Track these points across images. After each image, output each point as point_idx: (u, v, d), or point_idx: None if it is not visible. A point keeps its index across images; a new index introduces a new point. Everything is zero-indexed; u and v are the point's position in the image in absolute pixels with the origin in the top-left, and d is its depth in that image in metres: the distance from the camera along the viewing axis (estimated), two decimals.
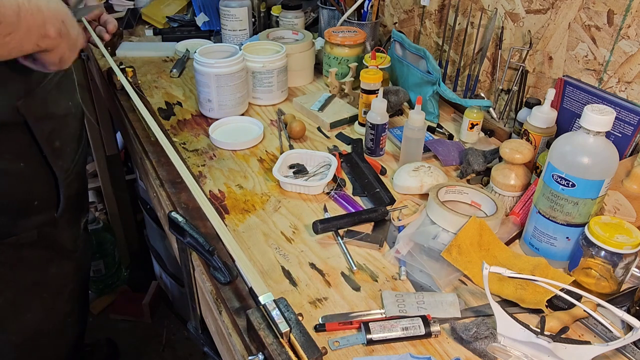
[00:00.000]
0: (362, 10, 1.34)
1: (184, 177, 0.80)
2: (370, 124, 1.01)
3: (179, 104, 1.22)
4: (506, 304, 0.71)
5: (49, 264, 1.02)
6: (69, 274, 1.09)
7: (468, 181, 0.97)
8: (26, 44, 0.70)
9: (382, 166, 1.01)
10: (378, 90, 1.03)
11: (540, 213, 0.76)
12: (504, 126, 1.10)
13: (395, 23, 1.44)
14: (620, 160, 0.76)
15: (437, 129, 1.13)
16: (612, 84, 0.91)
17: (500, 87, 1.14)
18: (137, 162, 1.16)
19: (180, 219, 0.75)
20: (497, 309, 0.63)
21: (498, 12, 1.10)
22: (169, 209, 0.91)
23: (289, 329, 0.56)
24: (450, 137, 1.11)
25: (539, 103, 0.98)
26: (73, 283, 1.12)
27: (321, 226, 0.81)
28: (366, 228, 0.85)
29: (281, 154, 1.00)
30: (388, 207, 0.89)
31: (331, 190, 0.93)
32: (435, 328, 0.66)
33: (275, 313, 0.57)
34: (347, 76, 1.24)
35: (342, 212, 0.89)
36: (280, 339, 0.56)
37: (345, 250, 0.80)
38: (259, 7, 1.59)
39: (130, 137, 1.14)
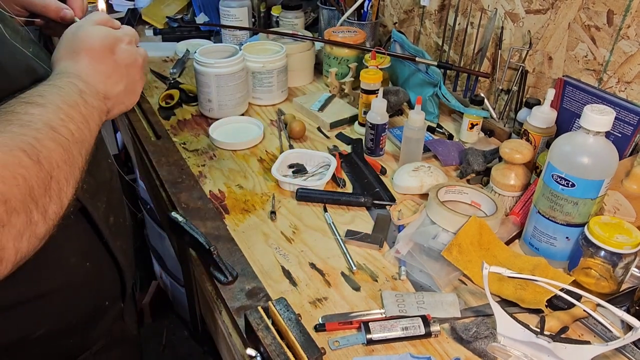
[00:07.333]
0: (362, 10, 1.34)
1: None
2: (370, 124, 1.01)
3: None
4: (506, 304, 0.71)
5: None
6: None
7: (468, 181, 0.97)
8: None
9: (382, 166, 1.01)
10: (378, 90, 1.03)
11: (540, 213, 0.76)
12: (504, 126, 1.10)
13: (395, 23, 1.44)
14: (620, 160, 0.75)
15: (437, 129, 1.13)
16: (612, 84, 0.91)
17: (500, 87, 1.14)
18: (137, 162, 1.16)
19: (180, 218, 0.76)
20: (497, 309, 0.63)
21: (498, 12, 1.10)
22: (169, 209, 0.91)
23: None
24: (450, 137, 1.11)
25: (538, 103, 0.98)
26: None
27: (301, 194, 0.89)
28: (366, 228, 0.85)
29: (281, 153, 1.00)
30: (388, 207, 0.89)
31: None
32: (435, 328, 0.66)
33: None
34: (347, 76, 1.24)
35: None
36: (279, 339, 0.56)
37: (345, 250, 0.80)
38: (259, 7, 1.59)
39: (131, 137, 1.14)
